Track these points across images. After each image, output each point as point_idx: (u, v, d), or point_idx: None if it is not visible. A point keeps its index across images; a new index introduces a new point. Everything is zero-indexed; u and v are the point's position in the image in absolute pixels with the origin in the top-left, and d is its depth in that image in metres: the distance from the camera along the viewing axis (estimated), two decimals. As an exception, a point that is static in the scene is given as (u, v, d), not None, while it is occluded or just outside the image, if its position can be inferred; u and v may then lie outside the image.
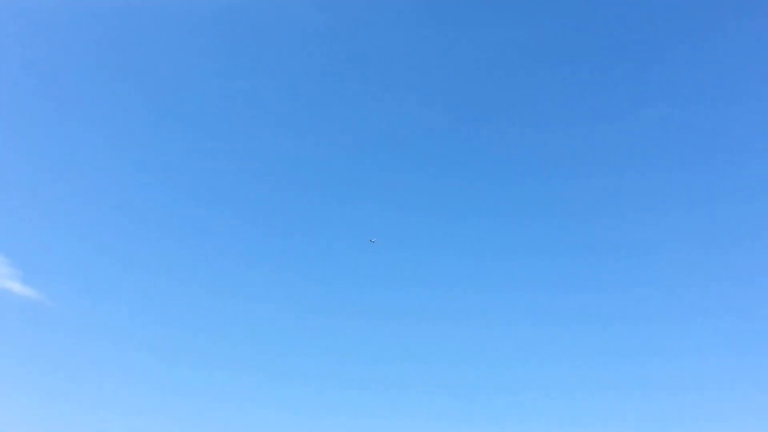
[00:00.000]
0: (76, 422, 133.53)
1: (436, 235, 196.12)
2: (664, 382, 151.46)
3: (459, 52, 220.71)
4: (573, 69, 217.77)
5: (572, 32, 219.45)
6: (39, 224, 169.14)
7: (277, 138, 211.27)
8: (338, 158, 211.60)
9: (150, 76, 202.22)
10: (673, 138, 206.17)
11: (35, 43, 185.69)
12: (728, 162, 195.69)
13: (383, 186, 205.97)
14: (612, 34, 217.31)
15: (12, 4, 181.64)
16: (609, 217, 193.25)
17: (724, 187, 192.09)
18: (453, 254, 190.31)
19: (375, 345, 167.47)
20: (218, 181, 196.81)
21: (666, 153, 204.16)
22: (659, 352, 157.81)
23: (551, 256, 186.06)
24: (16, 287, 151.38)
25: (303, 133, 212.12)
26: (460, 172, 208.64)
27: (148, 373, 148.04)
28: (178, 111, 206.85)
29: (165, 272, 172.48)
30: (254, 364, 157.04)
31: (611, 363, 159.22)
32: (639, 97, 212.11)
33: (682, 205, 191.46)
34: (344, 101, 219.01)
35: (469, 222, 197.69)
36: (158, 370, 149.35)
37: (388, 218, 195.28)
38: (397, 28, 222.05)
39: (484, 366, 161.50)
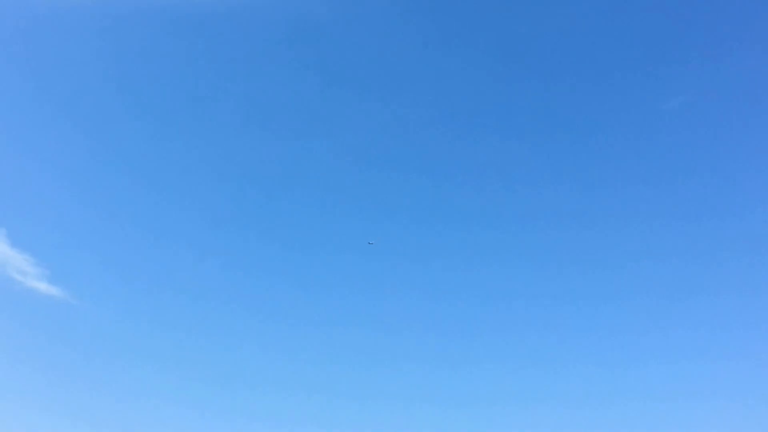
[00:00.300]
0: (99, 422, 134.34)
1: (435, 242, 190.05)
2: (662, 390, 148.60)
3: (461, 49, 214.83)
4: (580, 67, 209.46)
5: (580, 27, 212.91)
6: (65, 224, 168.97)
7: (270, 142, 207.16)
8: (331, 164, 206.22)
9: (168, 80, 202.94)
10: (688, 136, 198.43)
11: (37, 45, 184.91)
12: (742, 169, 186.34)
13: (378, 191, 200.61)
14: (622, 28, 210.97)
15: (12, 4, 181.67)
16: (616, 224, 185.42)
17: (742, 194, 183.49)
18: (451, 262, 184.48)
19: (371, 352, 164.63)
20: (220, 187, 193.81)
21: (678, 156, 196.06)
22: (659, 360, 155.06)
23: (555, 265, 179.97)
24: (43, 287, 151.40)
25: (297, 138, 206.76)
26: (462, 178, 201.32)
27: (170, 373, 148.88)
28: (191, 115, 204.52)
29: (184, 275, 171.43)
30: (264, 374, 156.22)
31: (611, 371, 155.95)
32: (650, 96, 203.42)
33: (693, 212, 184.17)
34: (337, 106, 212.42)
35: (471, 229, 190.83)
36: (179, 373, 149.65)
37: (383, 224, 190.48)
38: (390, 31, 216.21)
39: (482, 373, 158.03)
